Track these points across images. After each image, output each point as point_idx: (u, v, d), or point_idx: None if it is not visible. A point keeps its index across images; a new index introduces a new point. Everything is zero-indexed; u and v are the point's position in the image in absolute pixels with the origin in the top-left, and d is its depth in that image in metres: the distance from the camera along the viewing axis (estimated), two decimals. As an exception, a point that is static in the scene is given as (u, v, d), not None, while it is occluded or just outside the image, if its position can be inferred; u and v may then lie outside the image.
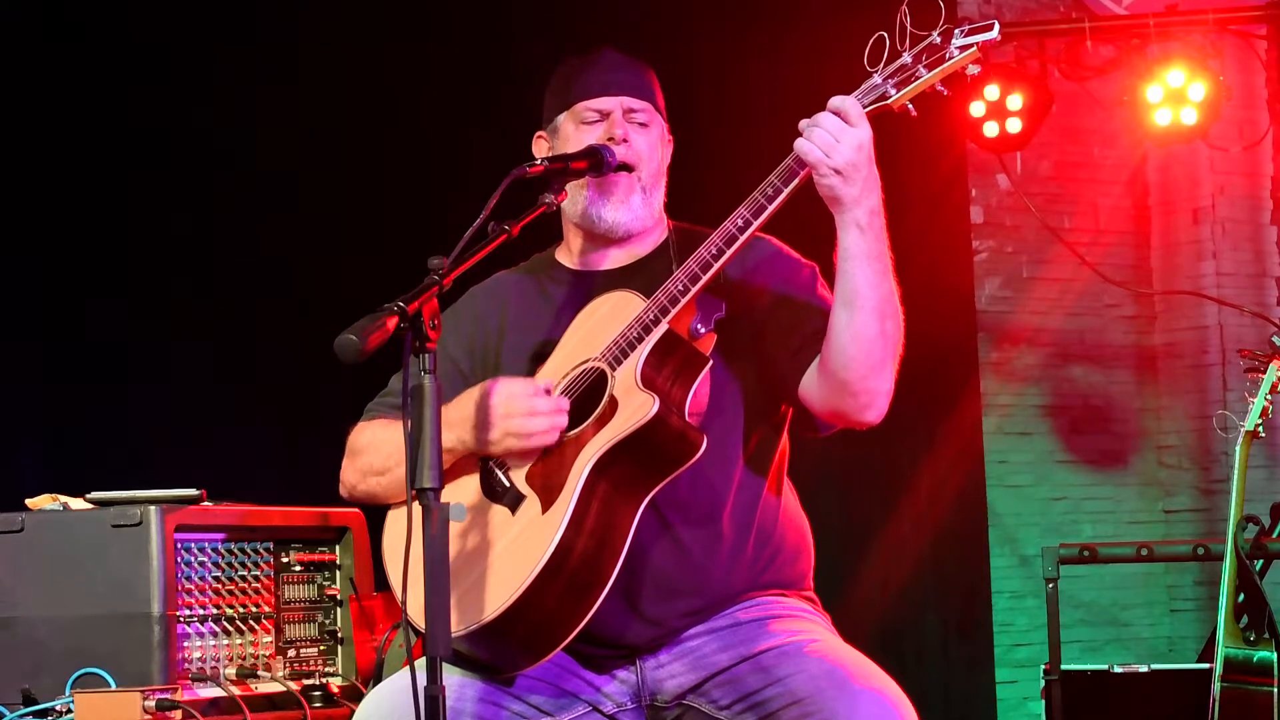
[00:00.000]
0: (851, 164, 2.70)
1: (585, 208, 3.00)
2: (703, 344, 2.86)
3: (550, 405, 2.82)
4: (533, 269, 3.15)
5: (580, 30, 5.60)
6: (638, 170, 3.00)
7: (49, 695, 3.30)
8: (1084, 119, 7.43)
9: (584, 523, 2.75)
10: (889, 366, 2.83)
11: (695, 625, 2.90)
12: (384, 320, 2.52)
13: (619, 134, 2.99)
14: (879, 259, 2.76)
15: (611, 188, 2.99)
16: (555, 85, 3.08)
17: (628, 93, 3.02)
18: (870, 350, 2.79)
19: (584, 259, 3.07)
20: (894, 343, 2.82)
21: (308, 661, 3.62)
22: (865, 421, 2.88)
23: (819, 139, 2.71)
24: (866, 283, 2.76)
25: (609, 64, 3.05)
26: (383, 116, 5.55)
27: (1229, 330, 7.60)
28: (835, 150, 2.71)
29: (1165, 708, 5.09)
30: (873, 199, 2.74)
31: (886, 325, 2.79)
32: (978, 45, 2.74)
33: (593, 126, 3.01)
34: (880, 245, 2.76)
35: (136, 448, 5.02)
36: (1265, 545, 5.13)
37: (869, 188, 2.73)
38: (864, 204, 2.73)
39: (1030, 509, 7.46)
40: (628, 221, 3.00)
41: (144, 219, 5.20)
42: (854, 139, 2.71)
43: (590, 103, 3.01)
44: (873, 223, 2.74)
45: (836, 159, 2.70)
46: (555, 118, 3.05)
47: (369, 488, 3.01)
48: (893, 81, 2.76)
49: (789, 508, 3.03)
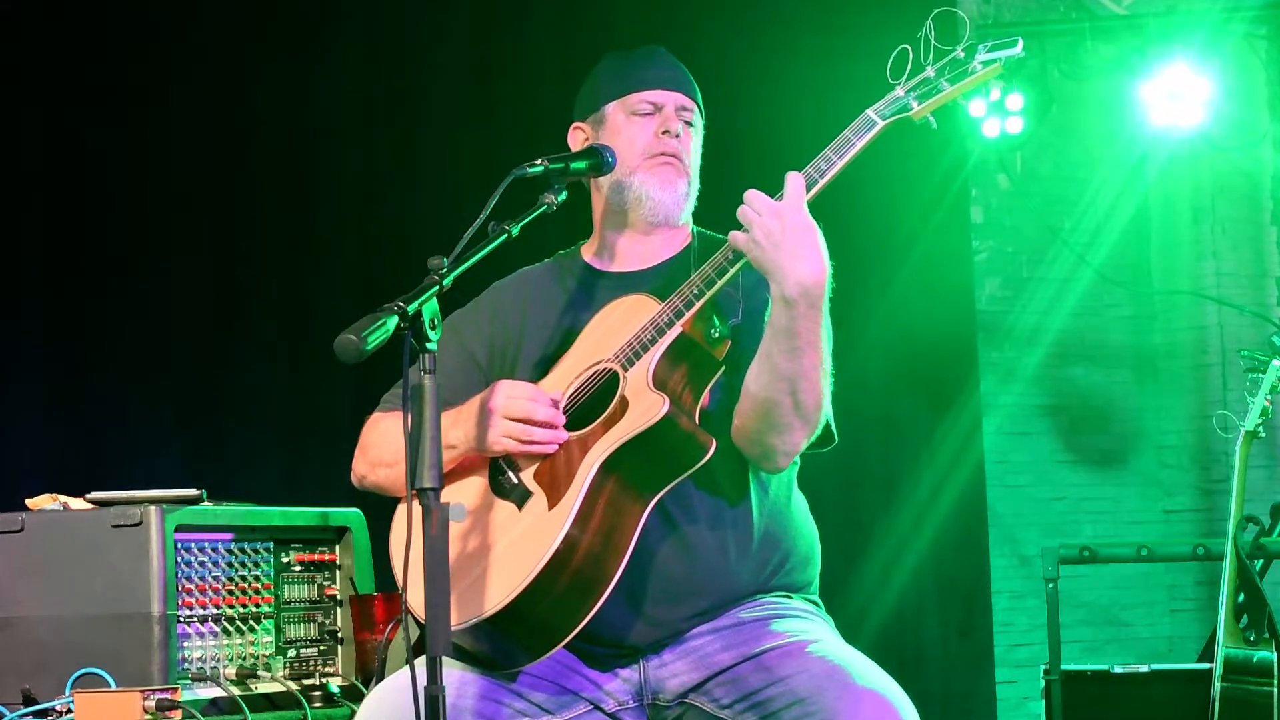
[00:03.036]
0: (767, 233, 2.71)
1: (634, 187, 3.02)
2: (717, 349, 2.87)
3: (547, 414, 2.84)
4: (557, 265, 3.16)
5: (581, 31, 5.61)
6: (686, 165, 3.04)
7: (49, 695, 3.30)
8: (1084, 119, 7.43)
9: (589, 521, 2.75)
10: (794, 432, 2.83)
11: (699, 625, 2.91)
12: (384, 320, 2.52)
13: (674, 127, 3.02)
14: (797, 336, 2.74)
15: (663, 171, 3.02)
16: (602, 77, 3.11)
17: (681, 90, 3.06)
18: (772, 412, 2.80)
19: (611, 256, 3.09)
20: (806, 413, 2.81)
21: (308, 661, 3.62)
22: (763, 469, 2.92)
23: (740, 214, 2.75)
24: (779, 353, 2.76)
25: (663, 60, 3.09)
26: (382, 116, 5.55)
27: (1229, 330, 7.60)
28: (755, 223, 2.73)
29: (1165, 708, 5.09)
30: (798, 273, 2.71)
31: (799, 396, 2.78)
32: (1000, 61, 2.75)
33: (646, 119, 3.03)
34: (803, 323, 2.73)
35: (137, 447, 5.02)
36: (1265, 545, 5.13)
37: (793, 259, 2.71)
38: (788, 275, 2.71)
39: (1030, 509, 7.46)
40: (672, 205, 3.03)
41: (144, 219, 5.20)
42: (772, 210, 2.72)
43: (647, 94, 3.04)
44: (799, 299, 2.71)
45: (755, 231, 2.73)
46: (602, 107, 3.07)
47: (378, 479, 3.05)
48: (915, 94, 2.79)
49: (799, 514, 3.03)
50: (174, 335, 5.16)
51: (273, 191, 5.35)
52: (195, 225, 5.25)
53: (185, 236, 5.23)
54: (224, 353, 5.23)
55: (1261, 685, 4.85)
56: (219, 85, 5.29)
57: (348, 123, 5.50)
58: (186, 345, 5.18)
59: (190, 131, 5.24)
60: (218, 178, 5.28)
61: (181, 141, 5.23)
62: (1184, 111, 6.99)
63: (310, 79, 5.40)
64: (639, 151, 3.02)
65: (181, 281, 5.21)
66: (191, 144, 5.24)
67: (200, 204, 5.25)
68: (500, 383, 2.89)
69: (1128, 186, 7.58)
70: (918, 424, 6.45)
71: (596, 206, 3.11)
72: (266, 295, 5.32)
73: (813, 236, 2.73)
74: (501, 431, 2.84)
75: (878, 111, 2.79)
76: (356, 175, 5.51)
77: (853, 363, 5.57)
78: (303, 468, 5.11)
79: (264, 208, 5.34)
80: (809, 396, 2.79)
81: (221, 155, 5.29)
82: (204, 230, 5.25)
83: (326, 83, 5.44)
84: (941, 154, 6.48)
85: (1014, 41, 2.76)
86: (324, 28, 5.46)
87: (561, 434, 2.84)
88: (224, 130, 5.30)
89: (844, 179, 2.81)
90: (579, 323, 3.00)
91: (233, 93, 5.31)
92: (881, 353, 5.99)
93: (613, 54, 3.15)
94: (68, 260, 5.07)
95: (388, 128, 5.55)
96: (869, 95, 2.79)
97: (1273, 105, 7.36)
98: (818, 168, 2.79)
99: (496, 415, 2.85)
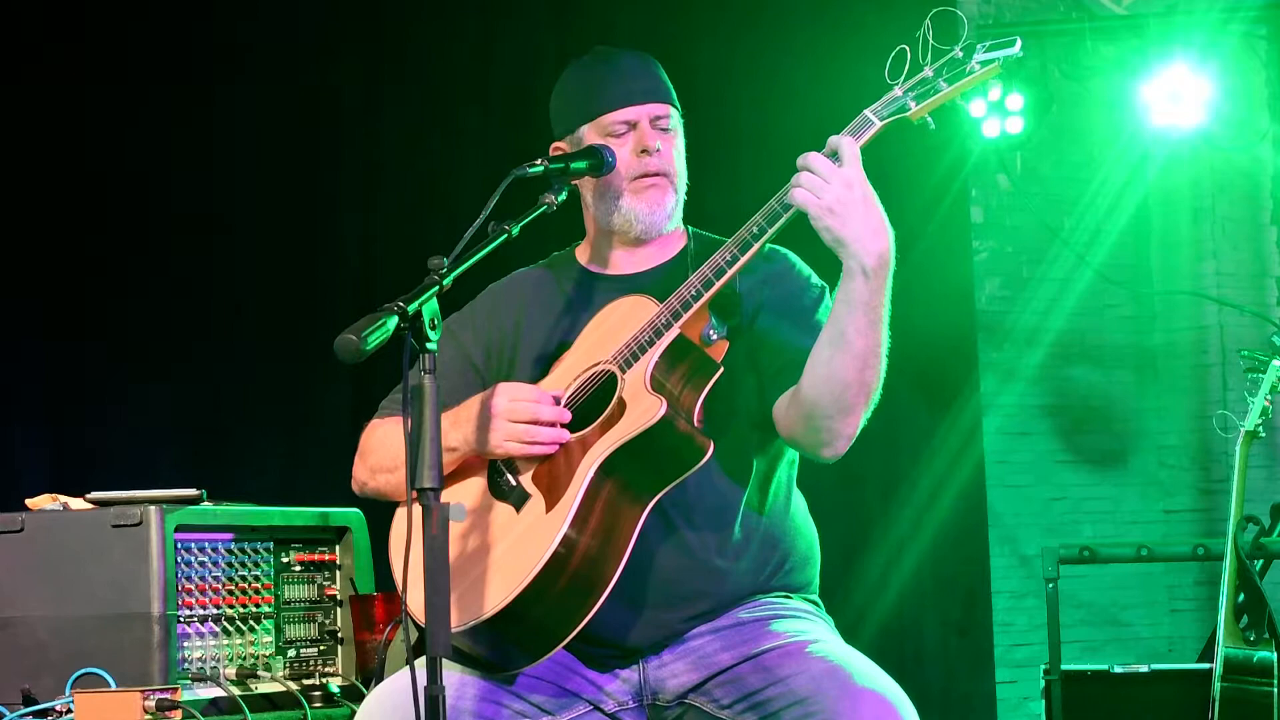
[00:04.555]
0: (840, 201, 2.68)
1: (622, 210, 2.99)
2: (715, 350, 2.86)
3: (553, 414, 2.83)
4: (553, 267, 3.15)
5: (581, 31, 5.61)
6: (671, 177, 3.01)
7: (49, 695, 3.30)
8: (1084, 119, 7.44)
9: (587, 523, 2.75)
10: (859, 412, 2.81)
11: (699, 626, 2.91)
12: (384, 320, 2.52)
13: (651, 144, 2.98)
14: (874, 309, 2.72)
15: (649, 194, 2.99)
16: (570, 94, 3.06)
17: (651, 99, 3.01)
18: (843, 393, 2.77)
19: (605, 261, 3.08)
20: (870, 391, 2.79)
21: (308, 661, 3.63)
22: (822, 457, 2.88)
23: (806, 180, 2.70)
24: (855, 330, 2.73)
25: (629, 70, 3.02)
26: (382, 116, 5.55)
27: (1229, 330, 7.61)
28: (825, 190, 2.69)
29: (1165, 708, 5.09)
30: (878, 244, 2.69)
31: (866, 374, 2.76)
32: (999, 60, 2.74)
33: (622, 138, 2.99)
34: (878, 295, 2.72)
35: (137, 447, 5.02)
36: (1265, 545, 5.13)
37: (870, 230, 2.69)
38: (867, 246, 2.69)
39: (1030, 509, 7.46)
40: (662, 222, 3.01)
41: (144, 218, 5.20)
42: (843, 178, 2.68)
43: (618, 114, 2.98)
44: (878, 271, 2.70)
45: (827, 198, 2.69)
46: (577, 129, 3.02)
47: (378, 485, 3.04)
48: (913, 94, 2.76)
49: (798, 514, 3.03)
50: (174, 335, 5.16)
51: (273, 191, 5.35)
52: (195, 224, 5.24)
53: (185, 236, 5.22)
54: (224, 353, 5.22)
55: (1261, 685, 4.86)
56: (219, 85, 5.29)
57: (347, 122, 5.50)
58: (186, 345, 5.17)
59: (189, 131, 5.24)
60: (217, 177, 5.28)
61: (181, 141, 5.23)
62: (1184, 111, 7.00)
63: (310, 78, 5.40)
64: (622, 173, 2.98)
65: (181, 281, 5.21)
66: (190, 144, 5.24)
67: (200, 203, 5.25)
68: (501, 385, 2.89)
69: (1128, 186, 7.58)
70: (918, 424, 6.45)
71: (588, 216, 3.09)
72: (267, 295, 5.32)
73: (878, 206, 2.70)
74: (504, 435, 2.84)
75: (875, 112, 2.78)
76: (357, 175, 5.51)
77: (853, 363, 5.57)
78: (303, 468, 5.11)
79: (264, 207, 5.34)
80: (874, 374, 2.77)
81: (221, 155, 5.29)
82: (204, 229, 5.25)
83: (326, 81, 5.44)
84: (941, 154, 6.48)
85: (1012, 41, 2.75)
86: (324, 27, 5.46)
87: (563, 434, 2.84)
88: (223, 130, 5.29)
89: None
90: (577, 324, 2.99)
91: (232, 93, 5.31)
92: (881, 352, 5.97)
93: (575, 65, 3.08)
94: (68, 260, 5.07)
95: (388, 127, 5.55)
96: (867, 94, 2.79)
97: (1272, 105, 7.36)
98: None
99: (499, 418, 2.84)
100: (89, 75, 5.08)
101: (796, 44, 6.00)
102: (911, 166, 6.12)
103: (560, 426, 2.84)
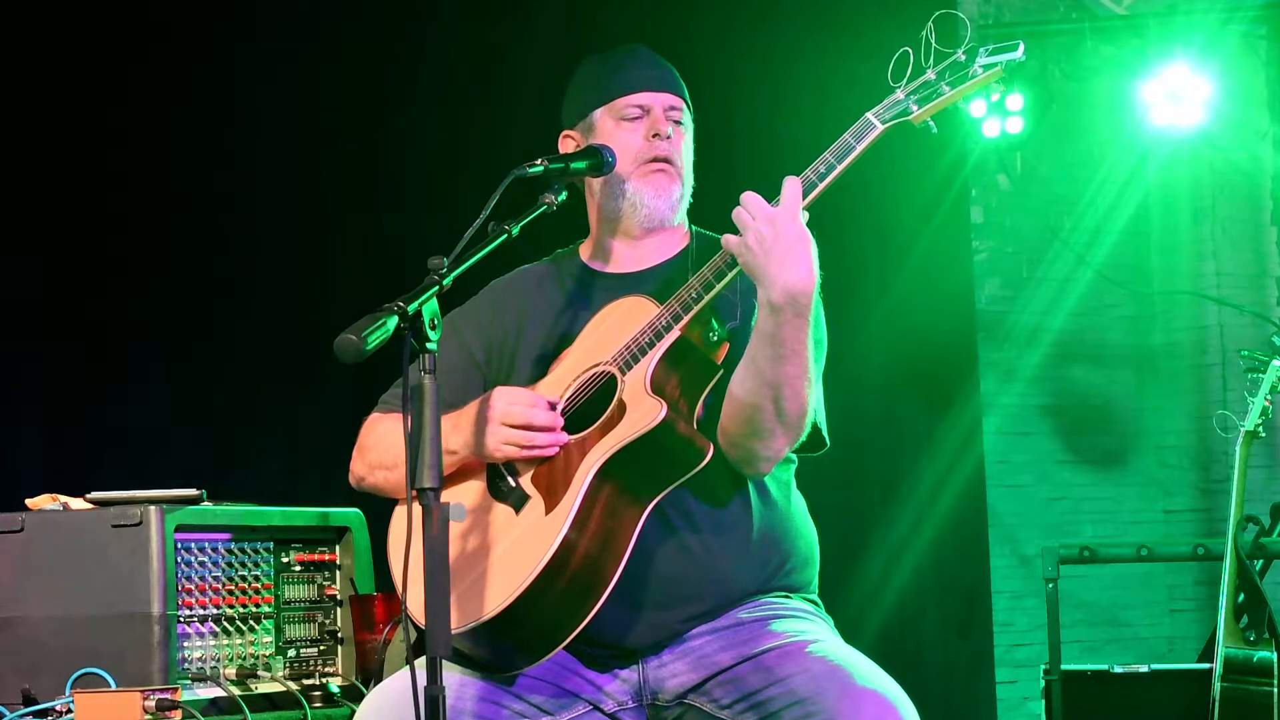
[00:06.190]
0: (760, 239, 2.69)
1: (628, 195, 3.00)
2: (715, 353, 2.86)
3: (547, 419, 2.83)
4: (555, 265, 3.15)
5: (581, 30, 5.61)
6: (679, 167, 3.02)
7: (49, 695, 3.30)
8: (1084, 119, 7.44)
9: (587, 525, 2.75)
10: (776, 439, 2.82)
11: (698, 626, 2.91)
12: (384, 320, 2.52)
13: (663, 129, 3.00)
14: (781, 344, 2.72)
15: (656, 178, 3.00)
16: (586, 81, 3.08)
17: (668, 89, 3.04)
18: (754, 417, 2.79)
19: (607, 258, 3.08)
20: (791, 421, 2.79)
21: (308, 661, 3.62)
22: (743, 471, 2.89)
23: (735, 215, 2.72)
24: (763, 359, 2.74)
25: (647, 60, 3.06)
26: (382, 115, 5.55)
27: (1229, 330, 7.61)
28: (748, 227, 2.71)
29: (1165, 708, 5.09)
30: (789, 282, 2.68)
31: (783, 404, 2.77)
32: (1001, 64, 2.74)
33: (634, 123, 3.01)
34: (787, 330, 2.71)
35: (136, 447, 5.02)
36: (1265, 545, 5.13)
37: (784, 269, 2.69)
38: (776, 283, 2.69)
39: (1030, 509, 7.46)
40: (667, 210, 3.01)
41: (144, 220, 5.20)
42: (768, 216, 2.70)
43: (633, 98, 3.01)
44: (784, 308, 2.69)
45: (748, 235, 2.70)
46: (589, 113, 3.04)
47: (376, 481, 3.04)
48: (915, 97, 2.77)
49: (798, 514, 3.03)
50: (174, 334, 5.16)
51: (273, 191, 5.35)
52: (195, 224, 5.24)
53: (184, 235, 5.23)
54: (224, 352, 5.22)
55: (1261, 685, 4.86)
56: (218, 85, 5.29)
57: (347, 122, 5.50)
58: (186, 345, 5.18)
59: (189, 131, 5.24)
60: (217, 177, 5.28)
61: (181, 141, 5.23)
62: (1184, 111, 7.00)
63: (310, 78, 5.40)
64: (631, 158, 3.00)
65: (181, 280, 5.21)
66: (190, 144, 5.24)
67: (200, 203, 5.25)
68: (497, 389, 2.89)
69: (1127, 186, 7.59)
70: (918, 424, 6.45)
71: (592, 210, 3.10)
72: (267, 294, 5.32)
73: (805, 246, 2.71)
74: (502, 439, 2.84)
75: (877, 115, 2.78)
76: (357, 175, 5.51)
77: (852, 363, 5.58)
78: (303, 468, 5.11)
79: (264, 207, 5.34)
80: (791, 404, 2.78)
81: (221, 155, 5.29)
82: (203, 229, 5.25)
83: (326, 82, 5.44)
84: (941, 154, 6.48)
85: (1015, 45, 2.75)
86: (325, 27, 5.46)
87: (562, 436, 2.84)
88: (223, 129, 5.30)
89: (843, 179, 2.80)
90: (577, 323, 2.99)
91: (232, 93, 5.31)
92: (881, 353, 5.99)
93: (593, 56, 3.11)
94: (67, 259, 5.07)
95: (387, 127, 5.55)
96: (868, 95, 2.79)
97: (1272, 105, 7.36)
98: (816, 171, 2.78)
99: (495, 422, 2.84)
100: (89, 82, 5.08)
101: (799, 46, 5.99)
102: (911, 167, 6.12)
103: (557, 430, 2.84)
